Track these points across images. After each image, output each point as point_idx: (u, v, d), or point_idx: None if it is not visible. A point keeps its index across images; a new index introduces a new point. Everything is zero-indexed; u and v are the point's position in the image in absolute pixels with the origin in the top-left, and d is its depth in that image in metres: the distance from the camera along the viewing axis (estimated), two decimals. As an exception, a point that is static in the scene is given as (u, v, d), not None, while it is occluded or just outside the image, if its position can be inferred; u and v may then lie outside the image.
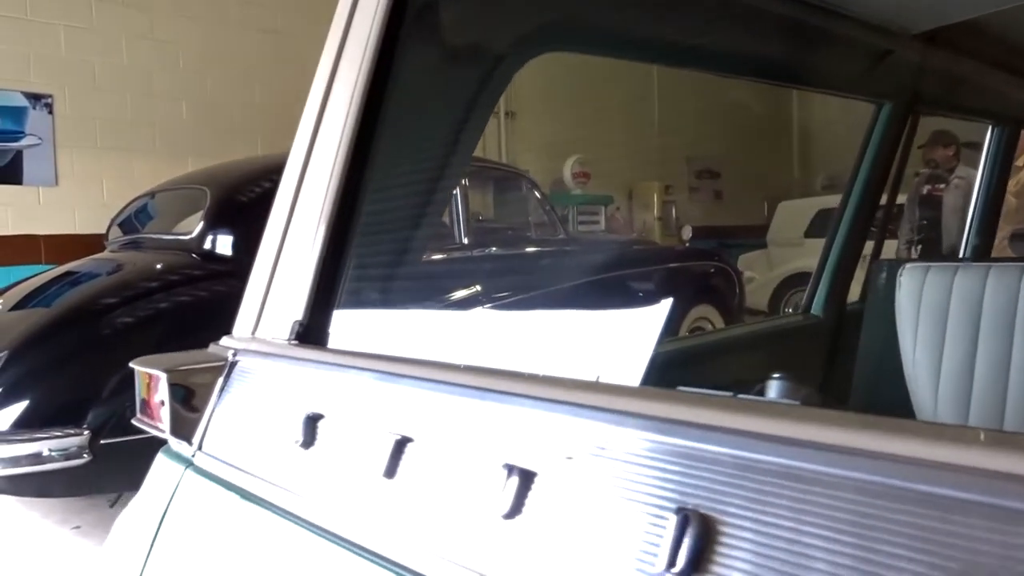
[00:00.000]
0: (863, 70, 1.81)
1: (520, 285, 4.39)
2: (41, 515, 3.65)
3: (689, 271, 5.12)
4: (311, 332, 0.89)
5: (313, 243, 0.91)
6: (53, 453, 2.94)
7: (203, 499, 0.85)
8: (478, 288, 4.25)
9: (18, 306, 3.70)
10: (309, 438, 0.74)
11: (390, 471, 0.64)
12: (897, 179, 2.09)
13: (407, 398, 0.66)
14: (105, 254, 4.32)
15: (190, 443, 0.90)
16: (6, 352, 3.09)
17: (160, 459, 0.96)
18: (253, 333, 0.95)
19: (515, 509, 0.54)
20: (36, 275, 4.15)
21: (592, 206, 7.39)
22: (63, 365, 3.15)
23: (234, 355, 0.93)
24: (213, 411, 0.90)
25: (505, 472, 0.55)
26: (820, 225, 6.78)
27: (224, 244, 3.72)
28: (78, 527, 3.52)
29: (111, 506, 3.55)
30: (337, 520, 0.68)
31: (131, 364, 0.99)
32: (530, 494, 0.53)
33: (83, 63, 5.72)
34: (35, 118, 5.49)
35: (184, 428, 0.90)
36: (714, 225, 7.69)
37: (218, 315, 3.44)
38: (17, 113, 5.42)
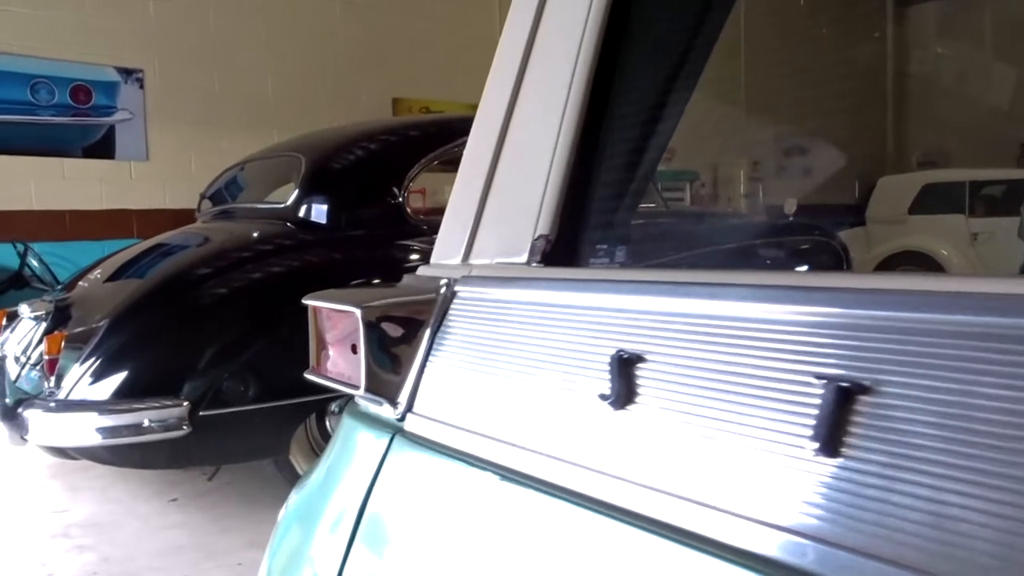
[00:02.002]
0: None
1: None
2: (138, 486, 3.54)
3: (795, 246, 4.76)
4: (561, 250, 0.63)
5: (556, 144, 0.64)
6: (153, 424, 2.79)
7: (428, 478, 0.60)
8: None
9: (113, 277, 3.58)
10: (625, 391, 0.48)
11: (829, 445, 0.37)
12: None
13: (839, 330, 0.39)
14: (197, 225, 4.19)
15: (394, 403, 0.65)
16: (106, 321, 2.95)
17: (349, 424, 0.71)
18: (465, 259, 0.70)
19: None
20: (129, 247, 4.05)
21: (676, 182, 7.01)
22: (160, 335, 2.99)
23: (449, 285, 0.67)
24: (426, 359, 0.64)
25: None
26: (925, 201, 6.30)
27: (319, 212, 3.53)
28: (175, 499, 3.40)
29: (208, 479, 3.42)
30: (712, 518, 0.41)
31: (304, 300, 0.75)
32: None
33: (172, 37, 5.63)
34: (126, 92, 5.43)
35: (385, 383, 0.65)
36: (804, 204, 7.25)
37: (313, 285, 3.26)
38: (110, 88, 5.36)
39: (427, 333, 0.65)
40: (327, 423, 3.28)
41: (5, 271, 4.96)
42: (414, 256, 3.52)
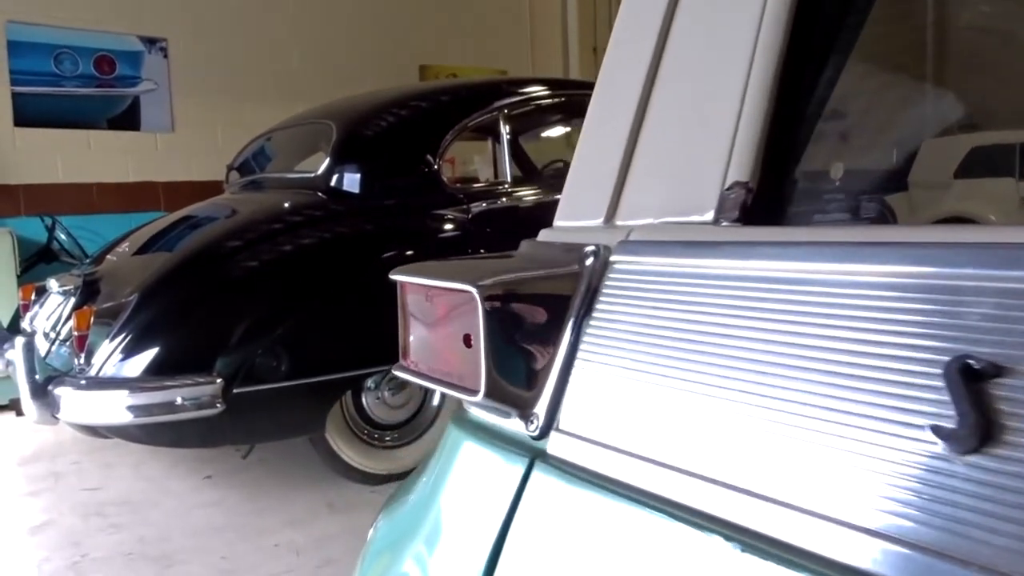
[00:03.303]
0: None
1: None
2: (172, 463, 3.43)
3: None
4: (766, 203, 0.44)
5: (752, 58, 0.45)
6: (185, 402, 2.64)
7: (598, 527, 0.41)
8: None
9: (141, 250, 3.43)
10: (983, 425, 0.29)
11: None
12: None
13: None
14: (225, 196, 4.03)
15: (528, 416, 0.47)
16: (136, 296, 2.80)
17: (459, 438, 0.52)
18: (609, 219, 0.51)
19: None
20: (156, 219, 3.90)
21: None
22: (190, 310, 2.84)
23: (598, 254, 0.48)
24: (572, 354, 0.46)
25: None
26: (973, 165, 6.01)
27: (352, 181, 3.34)
28: (209, 476, 3.28)
29: (243, 458, 3.29)
30: None
31: (392, 275, 0.56)
32: None
33: (195, 5, 5.42)
34: (150, 62, 5.24)
35: (514, 388, 0.47)
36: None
37: (346, 256, 3.08)
38: (133, 58, 5.17)
39: (571, 319, 0.47)
40: (363, 400, 3.13)
41: (33, 245, 4.85)
42: (449, 226, 3.34)
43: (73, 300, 3.06)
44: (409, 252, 3.22)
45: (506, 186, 3.64)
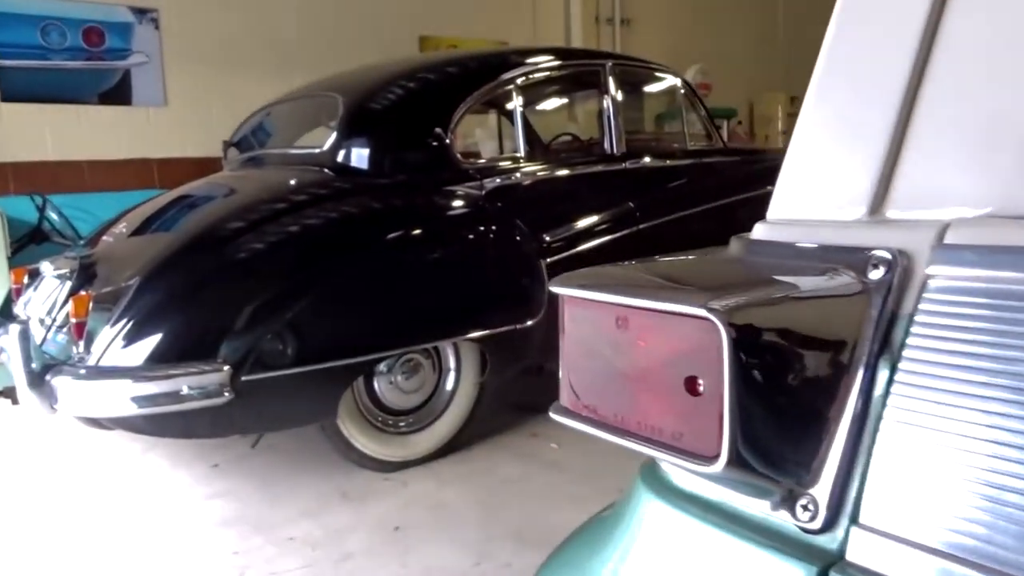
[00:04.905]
0: None
1: (681, 203, 3.76)
2: (177, 451, 3.28)
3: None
4: None
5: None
6: (192, 391, 2.48)
7: None
8: (631, 206, 3.62)
9: (139, 231, 3.25)
10: None
11: None
12: None
13: None
14: (225, 174, 3.83)
15: (797, 499, 0.32)
16: (137, 279, 2.63)
17: (649, 503, 0.36)
18: (875, 209, 0.36)
19: None
20: (153, 198, 3.71)
21: (715, 119, 6.55)
22: (195, 294, 2.66)
23: (894, 263, 0.33)
24: (867, 414, 0.31)
25: None
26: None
27: (360, 157, 3.16)
28: (216, 465, 3.13)
29: (252, 446, 3.14)
30: None
31: (553, 287, 0.40)
32: None
33: (187, -27, 5.18)
34: (141, 34, 4.99)
35: (771, 459, 0.31)
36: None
37: (357, 235, 2.89)
38: (123, 29, 4.93)
39: (862, 358, 0.32)
40: (375, 384, 2.99)
41: (23, 226, 4.64)
42: (461, 203, 3.17)
43: (69, 284, 2.88)
44: (419, 231, 3.06)
45: (520, 161, 3.47)
